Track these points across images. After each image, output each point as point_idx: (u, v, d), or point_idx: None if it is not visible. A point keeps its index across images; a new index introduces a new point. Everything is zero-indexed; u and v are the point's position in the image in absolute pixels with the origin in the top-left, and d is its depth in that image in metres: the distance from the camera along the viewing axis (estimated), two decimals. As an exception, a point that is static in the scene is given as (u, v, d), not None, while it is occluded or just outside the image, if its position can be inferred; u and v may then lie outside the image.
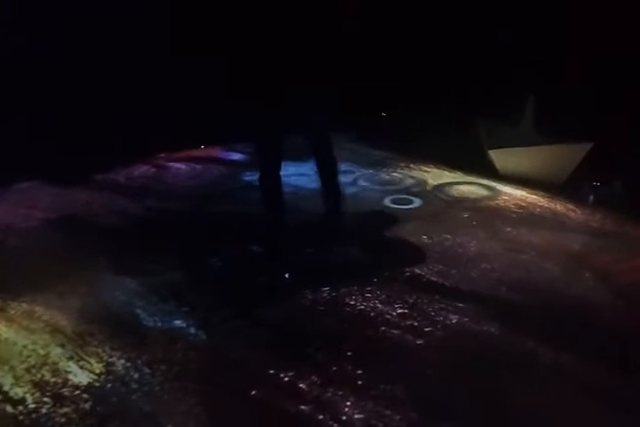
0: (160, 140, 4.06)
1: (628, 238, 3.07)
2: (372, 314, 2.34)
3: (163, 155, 4.23)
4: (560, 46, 3.70)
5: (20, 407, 1.80)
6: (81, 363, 2.00)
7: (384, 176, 4.01)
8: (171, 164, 4.13)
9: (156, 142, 4.10)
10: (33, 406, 1.81)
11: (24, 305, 2.32)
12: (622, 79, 3.50)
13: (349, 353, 2.10)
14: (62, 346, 2.08)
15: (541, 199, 3.61)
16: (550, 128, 3.76)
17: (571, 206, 3.51)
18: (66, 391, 1.87)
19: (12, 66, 3.56)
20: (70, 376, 1.94)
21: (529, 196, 3.66)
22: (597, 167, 3.66)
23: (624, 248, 2.95)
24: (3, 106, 3.49)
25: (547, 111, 3.79)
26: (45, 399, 1.83)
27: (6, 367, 1.97)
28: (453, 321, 2.31)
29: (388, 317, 2.32)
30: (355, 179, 3.94)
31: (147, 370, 1.98)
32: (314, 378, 1.96)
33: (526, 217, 3.35)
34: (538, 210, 3.47)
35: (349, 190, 3.75)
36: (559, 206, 3.51)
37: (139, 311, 2.31)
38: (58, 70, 3.73)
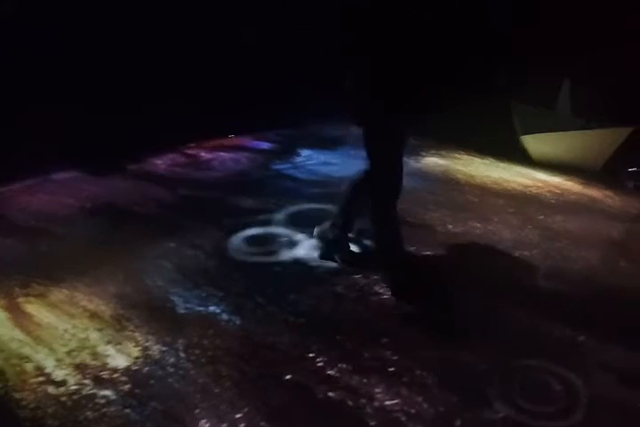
0: (191, 129, 4.11)
1: (669, 226, 2.96)
2: (401, 302, 2.34)
3: (193, 144, 4.28)
4: (595, 28, 3.56)
5: (63, 389, 1.87)
6: (119, 347, 2.06)
7: (413, 164, 3.96)
8: (201, 153, 4.17)
9: (187, 132, 4.15)
10: (74, 387, 1.87)
11: (65, 291, 2.39)
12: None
13: (379, 340, 2.10)
14: (100, 330, 2.15)
15: (577, 186, 3.51)
16: (587, 112, 3.65)
17: (608, 193, 3.41)
18: (105, 374, 1.93)
19: (45, 54, 3.64)
20: (109, 360, 2.00)
21: (564, 182, 3.56)
22: (636, 152, 3.53)
23: (665, 236, 2.86)
24: (39, 97, 3.58)
25: (583, 95, 3.67)
26: (86, 381, 1.90)
27: (48, 350, 2.04)
28: (487, 309, 2.28)
29: (418, 305, 2.31)
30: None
31: (182, 354, 2.03)
32: (346, 364, 1.98)
33: (562, 204, 3.27)
34: (573, 197, 3.38)
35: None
36: (596, 193, 3.41)
37: (174, 297, 2.36)
38: (91, 61, 3.80)
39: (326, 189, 3.52)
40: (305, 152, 4.19)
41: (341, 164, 3.99)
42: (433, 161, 3.98)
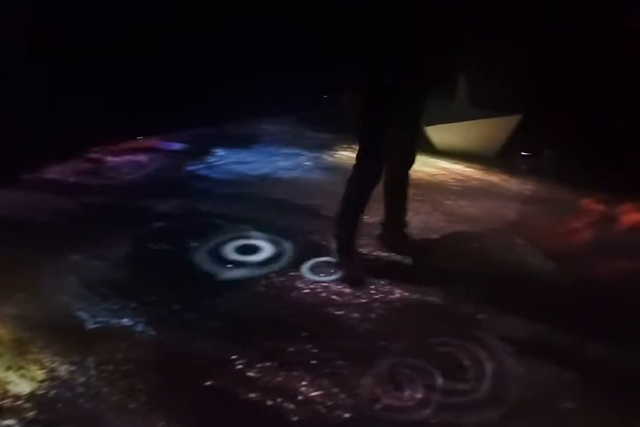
0: (94, 132, 3.89)
1: (558, 205, 3.24)
2: (321, 295, 2.38)
3: (97, 148, 4.06)
4: (487, 19, 3.77)
5: (-42, 424, 1.72)
6: (21, 372, 1.93)
7: (327, 158, 4.02)
8: (106, 157, 3.97)
9: (91, 135, 3.93)
10: (-28, 421, 1.74)
11: (-45, 317, 2.20)
12: (551, 50, 3.62)
13: (299, 335, 2.12)
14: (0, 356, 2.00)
15: (478, 172, 3.74)
16: (483, 102, 3.87)
17: (505, 177, 3.66)
18: (6, 403, 1.80)
19: None
20: (10, 387, 1.86)
21: (466, 169, 3.78)
22: (528, 138, 3.82)
23: (555, 214, 3.13)
24: None
25: (478, 85, 3.90)
26: (-15, 413, 1.76)
27: (-61, 384, 1.87)
28: (397, 295, 2.38)
29: (335, 296, 2.36)
30: (300, 162, 3.94)
31: (93, 372, 1.93)
32: (267, 363, 1.98)
33: (465, 190, 3.47)
34: (475, 182, 3.59)
35: (294, 173, 3.76)
36: (494, 178, 3.65)
37: (81, 313, 2.23)
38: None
39: (242, 189, 3.49)
40: (218, 151, 4.12)
41: (257, 162, 3.97)
42: (346, 155, 4.05)
